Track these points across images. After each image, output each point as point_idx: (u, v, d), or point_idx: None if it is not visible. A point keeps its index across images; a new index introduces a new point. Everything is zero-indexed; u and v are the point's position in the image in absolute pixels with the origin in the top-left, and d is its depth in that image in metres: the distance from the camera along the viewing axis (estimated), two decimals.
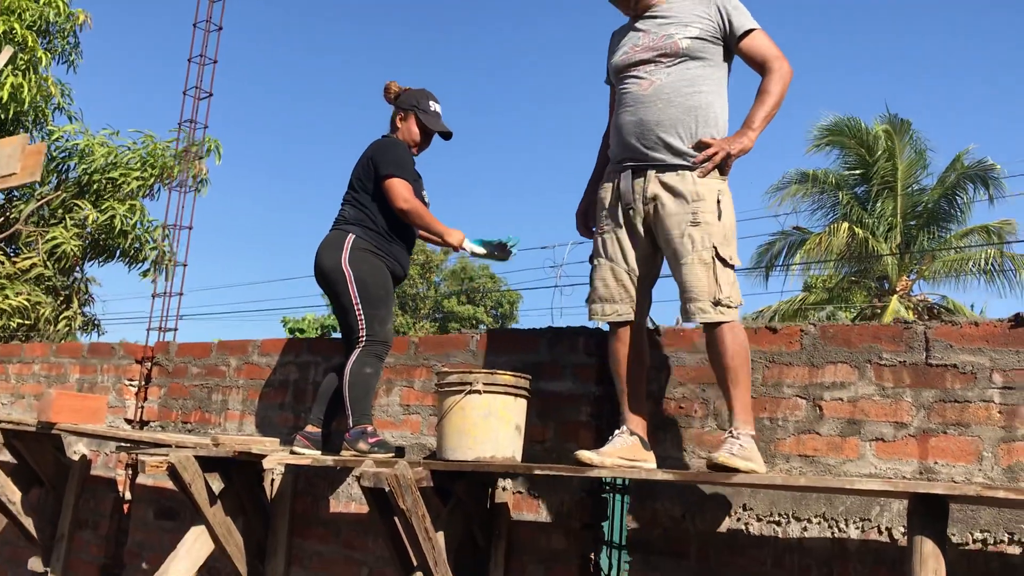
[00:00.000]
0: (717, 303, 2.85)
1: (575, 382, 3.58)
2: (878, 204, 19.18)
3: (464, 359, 3.91)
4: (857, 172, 19.71)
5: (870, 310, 19.32)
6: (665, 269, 3.13)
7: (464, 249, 3.91)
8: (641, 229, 3.07)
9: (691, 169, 2.98)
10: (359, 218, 3.83)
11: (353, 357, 3.66)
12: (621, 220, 3.11)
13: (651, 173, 3.03)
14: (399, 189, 3.78)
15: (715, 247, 2.90)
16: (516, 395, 3.24)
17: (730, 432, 2.82)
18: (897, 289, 18.89)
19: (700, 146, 2.98)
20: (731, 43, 3.09)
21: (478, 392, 3.17)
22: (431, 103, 3.99)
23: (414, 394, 4.04)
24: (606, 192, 3.19)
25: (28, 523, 4.86)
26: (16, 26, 8.88)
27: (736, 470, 2.67)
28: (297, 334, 30.13)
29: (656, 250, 3.09)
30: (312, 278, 4.11)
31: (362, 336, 3.68)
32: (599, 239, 3.19)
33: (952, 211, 19.09)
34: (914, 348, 2.95)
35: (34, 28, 9.37)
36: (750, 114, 3.02)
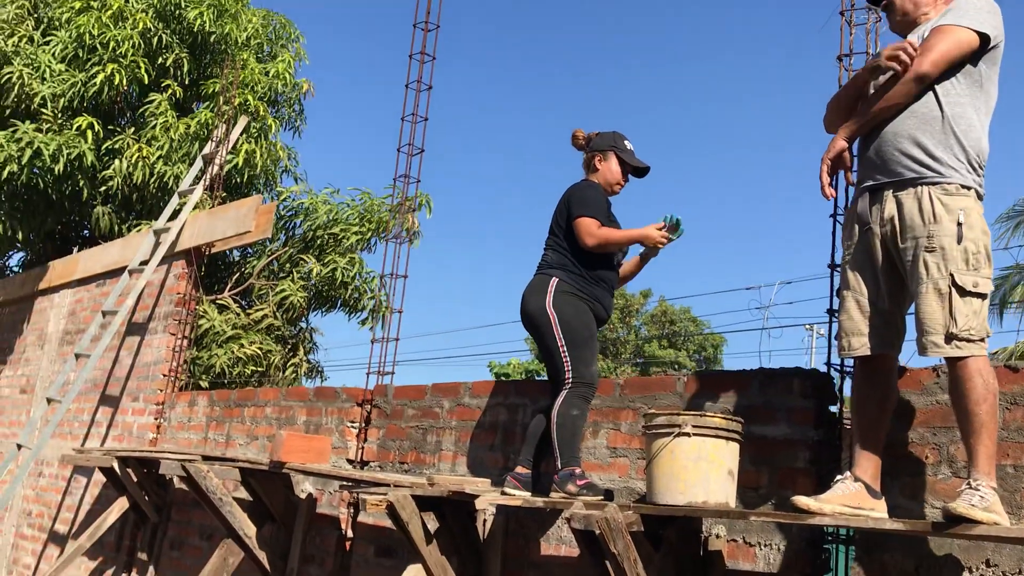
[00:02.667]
0: (952, 337, 2.63)
1: (791, 426, 3.42)
2: None
3: (671, 402, 3.83)
4: None
5: None
6: None
7: (666, 236, 3.86)
8: (881, 255, 2.89)
9: (931, 184, 2.77)
10: (561, 262, 3.89)
11: (560, 399, 3.69)
12: (864, 246, 2.94)
13: (887, 193, 2.86)
14: (585, 226, 3.84)
15: (952, 275, 2.66)
16: (728, 439, 3.13)
17: (968, 483, 2.58)
18: None
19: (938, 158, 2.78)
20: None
21: (687, 435, 3.09)
22: (626, 142, 4.08)
23: (621, 437, 4.00)
24: (850, 214, 3.03)
25: (262, 557, 5.20)
26: (249, 98, 9.77)
27: (977, 522, 2.44)
28: (503, 379, 30.77)
29: (902, 277, 2.87)
30: (516, 323, 4.23)
31: (568, 378, 3.70)
32: (844, 267, 3.03)
33: None
34: None
35: (264, 99, 10.27)
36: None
